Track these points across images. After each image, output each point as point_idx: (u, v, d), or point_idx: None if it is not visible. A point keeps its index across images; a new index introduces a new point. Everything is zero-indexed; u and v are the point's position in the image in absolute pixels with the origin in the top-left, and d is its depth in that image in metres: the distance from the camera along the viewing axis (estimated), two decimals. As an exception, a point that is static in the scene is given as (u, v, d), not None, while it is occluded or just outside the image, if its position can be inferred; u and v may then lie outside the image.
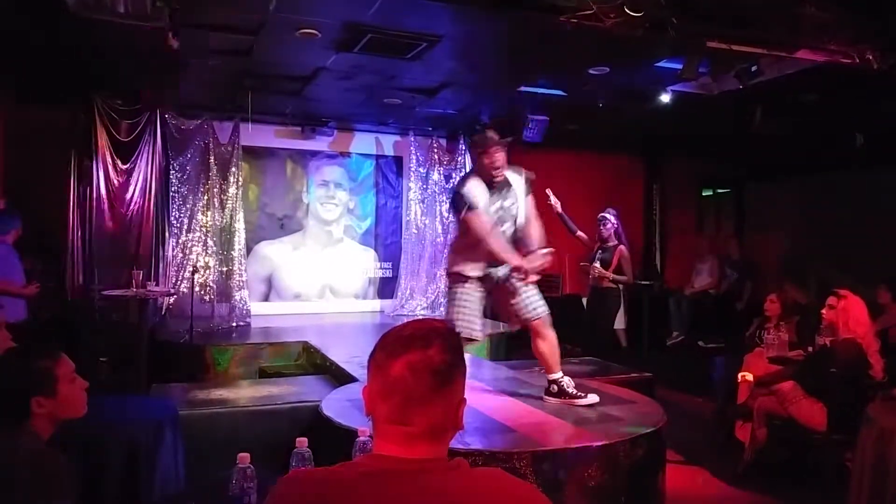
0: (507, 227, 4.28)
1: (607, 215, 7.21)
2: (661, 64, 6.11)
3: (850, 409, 4.29)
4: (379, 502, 1.28)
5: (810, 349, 5.22)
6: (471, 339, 4.18)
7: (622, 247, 7.12)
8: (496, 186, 4.22)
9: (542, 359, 4.39)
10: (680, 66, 5.57)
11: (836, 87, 6.48)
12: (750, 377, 5.17)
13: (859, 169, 8.73)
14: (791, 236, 9.93)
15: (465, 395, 1.41)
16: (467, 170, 9.58)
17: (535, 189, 4.47)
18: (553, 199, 6.88)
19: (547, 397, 4.35)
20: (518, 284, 4.27)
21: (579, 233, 7.26)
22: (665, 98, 7.10)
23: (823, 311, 4.78)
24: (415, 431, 1.33)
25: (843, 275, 6.85)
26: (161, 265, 7.97)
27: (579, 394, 4.26)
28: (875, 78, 5.45)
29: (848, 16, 4.87)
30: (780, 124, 7.60)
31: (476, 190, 4.19)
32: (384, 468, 1.33)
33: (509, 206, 4.26)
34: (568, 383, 4.32)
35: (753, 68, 5.68)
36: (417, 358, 1.32)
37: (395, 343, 1.36)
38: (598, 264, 7.13)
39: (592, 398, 4.23)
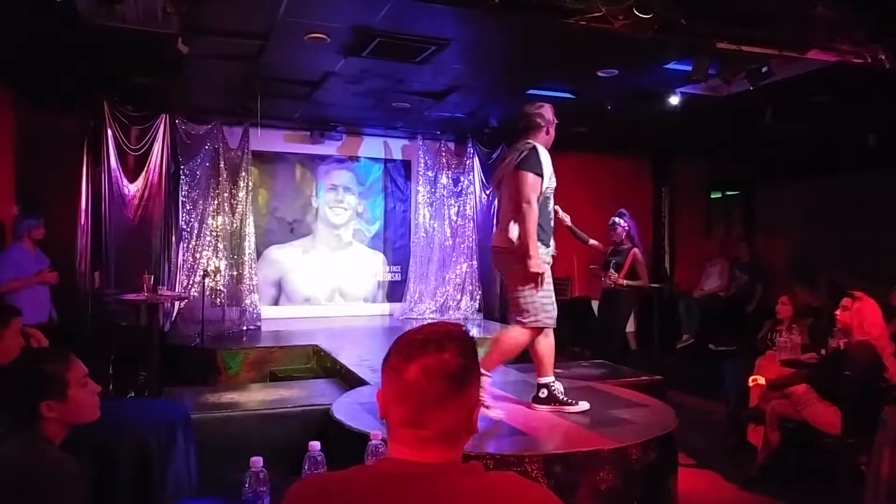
0: (551, 207, 4.20)
1: (620, 217, 7.16)
2: (670, 66, 6.10)
3: (865, 412, 4.25)
4: (394, 506, 1.28)
5: (823, 352, 5.18)
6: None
7: (635, 249, 7.06)
8: None
9: (539, 360, 4.16)
10: (689, 68, 5.56)
11: (848, 88, 6.45)
12: (762, 381, 5.13)
13: (871, 170, 8.68)
14: (801, 238, 9.88)
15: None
16: (475, 173, 9.63)
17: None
18: (562, 214, 6.86)
19: (535, 405, 4.14)
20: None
21: (591, 241, 7.22)
22: (674, 100, 7.08)
23: (837, 312, 4.73)
24: (429, 435, 1.33)
25: (854, 277, 6.81)
26: (172, 269, 7.99)
27: (570, 400, 4.10)
28: (887, 78, 5.42)
29: (859, 15, 4.85)
30: (791, 125, 7.57)
31: (545, 157, 4.04)
32: (398, 472, 1.32)
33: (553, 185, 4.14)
34: (559, 389, 4.14)
35: (764, 69, 5.66)
36: (432, 362, 1.32)
37: (409, 347, 1.35)
38: (612, 270, 7.07)
39: (584, 405, 4.08)
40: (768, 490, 4.73)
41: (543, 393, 4.14)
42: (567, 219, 6.87)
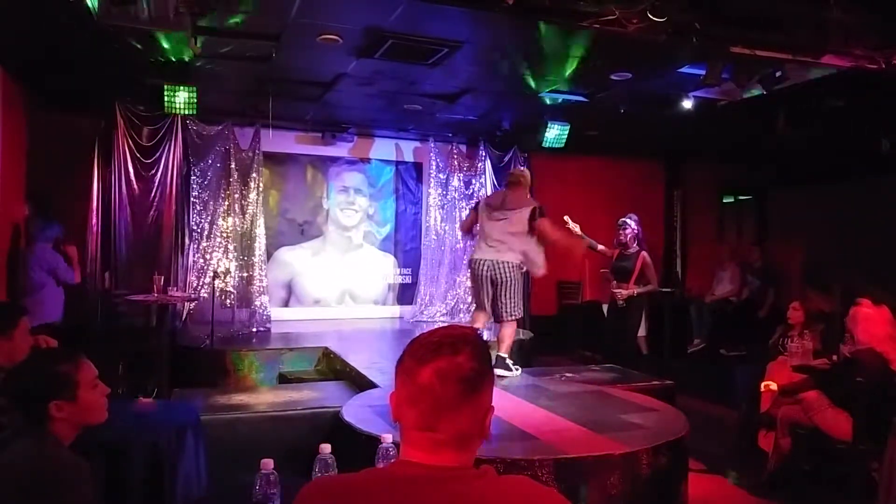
0: None
1: (627, 220, 7.11)
2: (683, 69, 6.06)
3: (877, 418, 4.23)
4: (405, 510, 1.27)
5: (835, 358, 5.16)
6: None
7: (644, 252, 7.00)
8: None
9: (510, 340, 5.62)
10: (703, 72, 5.53)
11: (862, 93, 6.41)
12: (774, 386, 5.11)
13: (885, 175, 8.61)
14: (814, 243, 9.82)
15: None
16: (487, 176, 9.63)
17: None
18: (571, 224, 6.88)
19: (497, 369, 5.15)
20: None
21: (600, 247, 7.20)
22: (687, 104, 7.03)
23: (847, 319, 4.73)
24: (442, 438, 1.32)
25: (868, 282, 6.76)
26: (182, 270, 8.01)
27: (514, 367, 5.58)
28: (901, 83, 5.40)
29: (874, 20, 4.82)
30: (805, 130, 7.52)
31: None
32: (411, 475, 1.32)
33: None
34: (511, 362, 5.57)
35: (778, 73, 5.62)
36: (446, 365, 1.31)
37: (423, 349, 1.35)
38: (617, 289, 7.04)
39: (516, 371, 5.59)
40: (779, 496, 4.71)
41: (508, 362, 5.56)
42: (577, 228, 6.89)
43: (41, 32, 5.49)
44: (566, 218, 6.88)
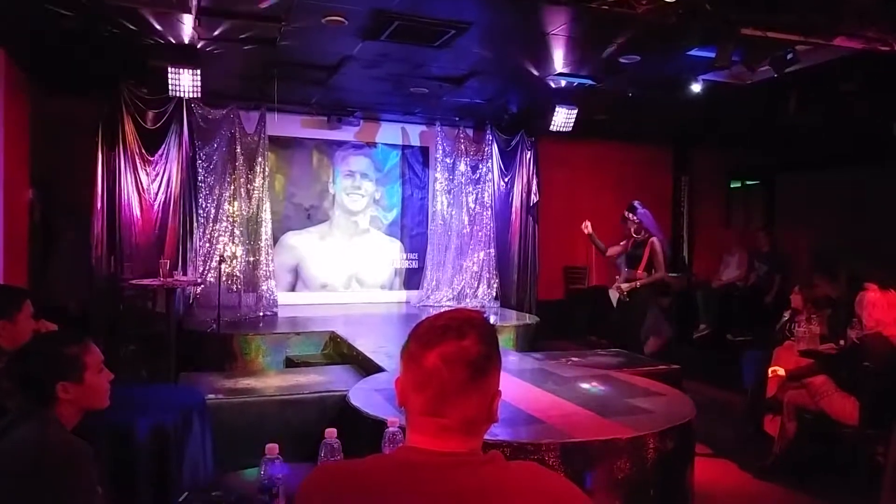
0: None
1: (627, 214, 7.06)
2: (693, 52, 5.99)
3: (884, 403, 4.22)
4: (413, 496, 1.26)
5: (842, 342, 5.14)
6: None
7: (653, 239, 6.92)
8: None
9: None
10: (713, 55, 5.47)
11: (874, 76, 6.34)
12: (782, 372, 5.09)
13: (894, 159, 8.54)
14: (822, 229, 9.77)
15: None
16: (494, 161, 9.58)
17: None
18: (584, 225, 6.98)
19: None
20: None
21: (609, 252, 7.19)
22: (696, 87, 6.98)
23: (855, 304, 4.73)
24: (449, 424, 1.30)
25: (877, 267, 6.72)
26: (188, 255, 7.99)
27: None
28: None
29: (887, 2, 4.75)
30: (815, 114, 7.45)
31: None
32: (418, 461, 1.30)
33: None
34: None
35: (789, 56, 5.54)
36: (452, 349, 1.29)
37: (428, 334, 1.32)
38: (620, 285, 7.05)
39: None
40: (784, 480, 4.72)
41: None
42: (588, 226, 6.92)
43: (43, 15, 5.45)
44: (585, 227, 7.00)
